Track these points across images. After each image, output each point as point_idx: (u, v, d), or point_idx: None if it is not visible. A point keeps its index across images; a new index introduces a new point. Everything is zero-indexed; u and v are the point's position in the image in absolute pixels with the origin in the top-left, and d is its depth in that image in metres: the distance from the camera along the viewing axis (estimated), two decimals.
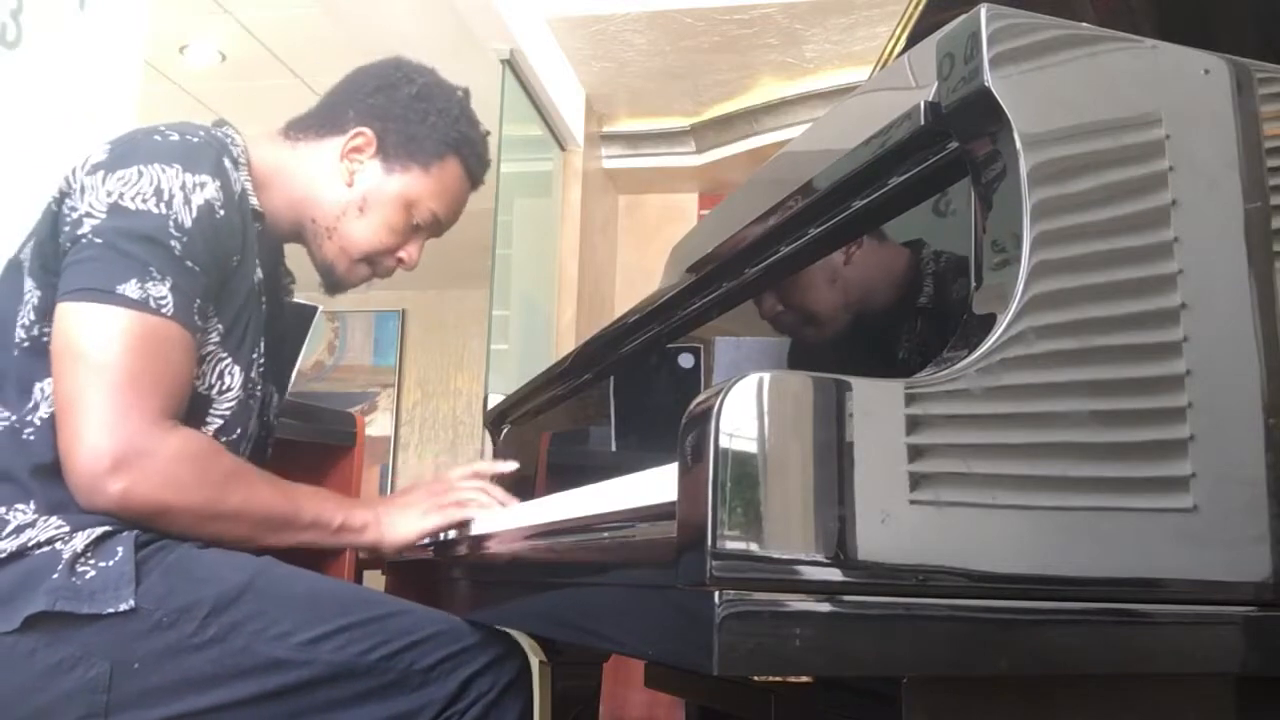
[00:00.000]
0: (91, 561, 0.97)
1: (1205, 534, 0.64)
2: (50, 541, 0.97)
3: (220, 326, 1.11)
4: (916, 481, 0.59)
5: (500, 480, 1.33)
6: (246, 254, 1.14)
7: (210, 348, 1.10)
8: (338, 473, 2.26)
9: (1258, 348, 0.69)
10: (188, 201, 1.04)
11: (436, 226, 1.29)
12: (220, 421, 1.13)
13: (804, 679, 0.77)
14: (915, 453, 0.59)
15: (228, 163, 1.11)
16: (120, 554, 0.98)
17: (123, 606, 0.96)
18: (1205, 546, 0.64)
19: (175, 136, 1.08)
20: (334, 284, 1.30)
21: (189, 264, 1.04)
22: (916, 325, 0.78)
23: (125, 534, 0.99)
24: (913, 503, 0.58)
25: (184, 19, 3.48)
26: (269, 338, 1.22)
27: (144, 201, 1.02)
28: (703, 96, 4.18)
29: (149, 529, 1.02)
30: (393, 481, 6.34)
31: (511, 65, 3.50)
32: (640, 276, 4.38)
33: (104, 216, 1.02)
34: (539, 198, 4.11)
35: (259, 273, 1.18)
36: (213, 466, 1.05)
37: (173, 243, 1.03)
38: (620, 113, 4.37)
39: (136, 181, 1.03)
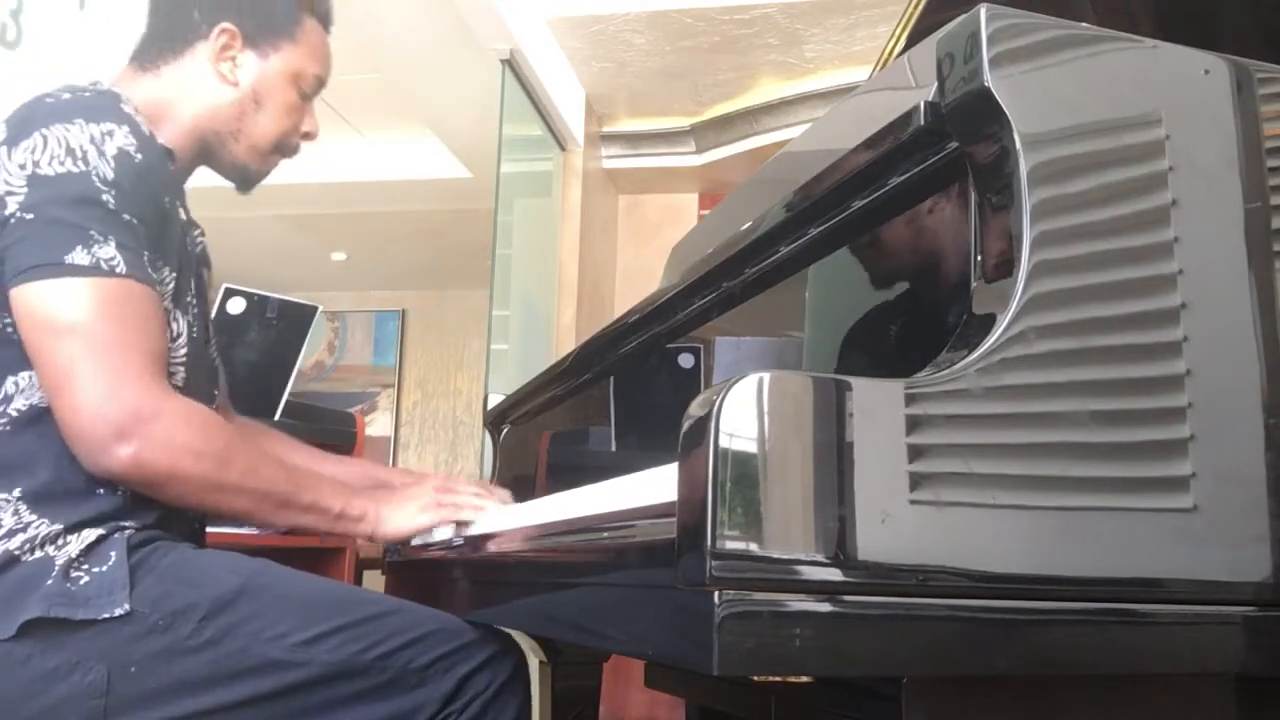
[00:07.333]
0: (85, 567, 0.97)
1: (1205, 534, 0.64)
2: (42, 544, 0.97)
3: (173, 275, 1.09)
4: (916, 481, 0.59)
5: (501, 483, 1.33)
6: (172, 195, 1.13)
7: (167, 300, 1.08)
8: None
9: (1258, 348, 0.69)
10: (102, 153, 1.01)
11: (320, 87, 1.30)
12: (181, 372, 1.11)
13: (804, 679, 0.77)
14: (915, 453, 0.59)
15: (127, 109, 1.08)
16: (114, 558, 0.98)
17: (118, 611, 0.95)
18: (1205, 546, 0.64)
19: (67, 95, 1.05)
20: (247, 180, 1.28)
21: (126, 218, 1.02)
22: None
23: (117, 537, 0.99)
24: (913, 503, 0.59)
25: None
26: (196, 282, 1.21)
27: (60, 164, 0.99)
28: (703, 96, 4.18)
29: (152, 499, 1.02)
30: None
31: (511, 65, 3.50)
32: (640, 276, 4.38)
33: (26, 190, 0.99)
34: (539, 198, 4.11)
35: (183, 214, 1.17)
36: (215, 435, 1.04)
37: (104, 198, 1.00)
38: (620, 113, 4.37)
39: (45, 146, 1.00)
